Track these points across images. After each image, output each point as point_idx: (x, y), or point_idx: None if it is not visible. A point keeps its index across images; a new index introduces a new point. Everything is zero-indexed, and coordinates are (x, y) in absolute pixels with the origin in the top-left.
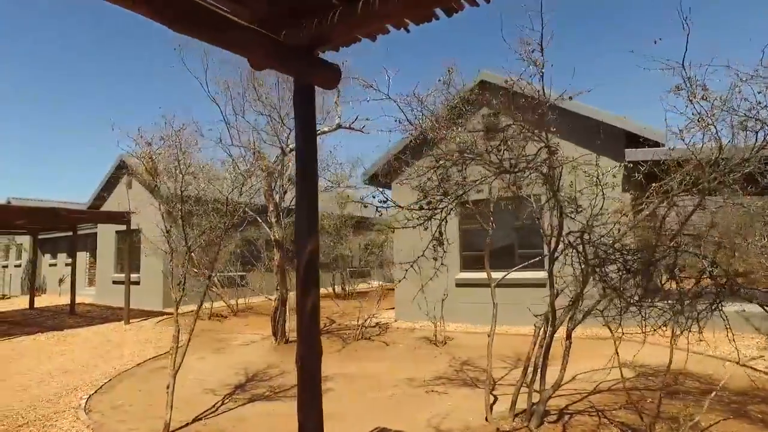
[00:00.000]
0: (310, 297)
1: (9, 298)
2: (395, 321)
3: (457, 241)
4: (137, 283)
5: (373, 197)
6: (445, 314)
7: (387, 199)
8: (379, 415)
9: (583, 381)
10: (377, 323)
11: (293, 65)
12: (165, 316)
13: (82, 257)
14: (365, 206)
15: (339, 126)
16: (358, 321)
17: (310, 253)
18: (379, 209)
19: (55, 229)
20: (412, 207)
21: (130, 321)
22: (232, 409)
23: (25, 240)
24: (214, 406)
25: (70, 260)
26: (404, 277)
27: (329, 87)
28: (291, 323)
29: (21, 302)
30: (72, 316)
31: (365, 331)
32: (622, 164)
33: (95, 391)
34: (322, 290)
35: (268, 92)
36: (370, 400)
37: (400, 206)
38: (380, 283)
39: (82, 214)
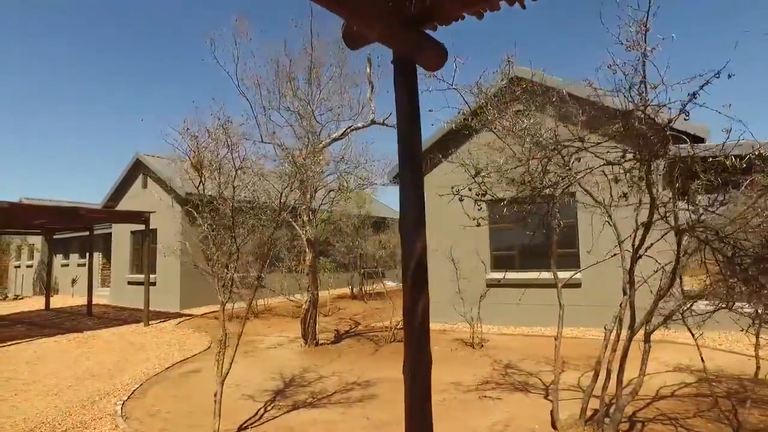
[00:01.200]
0: (420, 300)
1: (22, 298)
2: None
3: (487, 240)
4: (153, 284)
5: (469, 189)
6: (468, 316)
7: (485, 192)
8: (435, 422)
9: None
10: (395, 325)
11: (401, 39)
12: (184, 318)
13: (95, 258)
14: (461, 199)
15: (373, 121)
16: (390, 322)
17: (419, 251)
18: (478, 204)
19: (71, 229)
20: (509, 199)
21: (150, 323)
22: (277, 417)
23: (37, 240)
24: (257, 413)
25: (82, 261)
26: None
27: (432, 67)
28: (320, 325)
29: (35, 303)
30: (89, 318)
31: (397, 333)
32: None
33: (128, 397)
34: (340, 291)
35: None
36: None
37: (500, 199)
38: (395, 283)
39: (102, 213)
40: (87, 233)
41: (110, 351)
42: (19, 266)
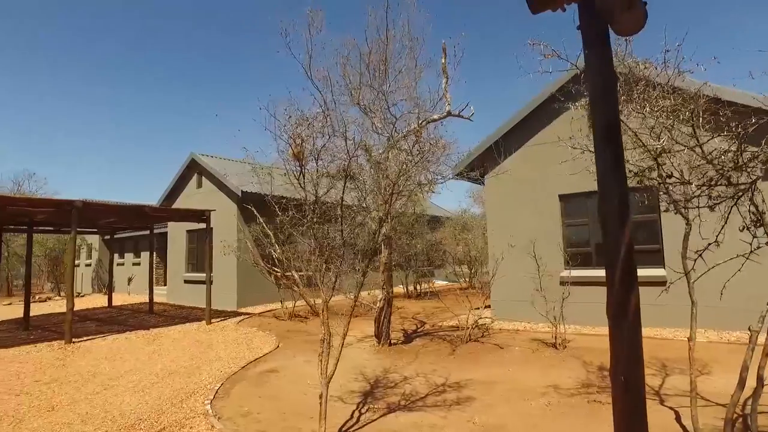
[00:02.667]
0: (632, 296)
1: (83, 296)
2: (492, 321)
3: (560, 234)
4: (210, 282)
5: (638, 173)
6: (551, 315)
7: (670, 174)
8: (552, 426)
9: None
10: (475, 324)
11: None
12: (243, 316)
13: (148, 257)
14: (640, 182)
15: (449, 113)
16: (466, 321)
17: (626, 239)
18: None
19: (132, 229)
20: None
21: (211, 321)
22: (374, 420)
23: (95, 240)
24: (351, 415)
25: (137, 260)
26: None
27: (627, 31)
28: (393, 324)
29: (96, 300)
30: (151, 315)
31: (472, 333)
32: None
33: (213, 397)
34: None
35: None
36: (526, 409)
37: (687, 182)
38: (445, 282)
39: (165, 212)
40: (141, 233)
41: (180, 349)
42: (78, 265)
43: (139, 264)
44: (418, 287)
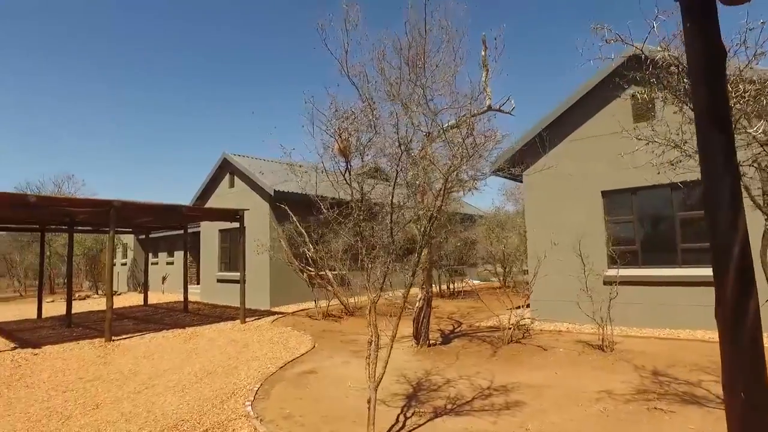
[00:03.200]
0: (750, 301)
1: (119, 294)
2: (532, 322)
3: (603, 232)
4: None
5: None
6: (597, 316)
7: None
8: None
9: None
10: (516, 325)
11: None
12: (276, 316)
13: (181, 256)
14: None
15: (489, 108)
16: (508, 322)
17: (742, 238)
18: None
19: (166, 228)
20: None
21: (245, 320)
22: (421, 424)
23: (129, 240)
24: (397, 419)
25: (170, 259)
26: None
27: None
28: (430, 324)
29: (132, 299)
30: (187, 314)
31: (514, 335)
32: None
33: (254, 398)
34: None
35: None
36: (580, 416)
37: None
38: (477, 281)
39: (200, 211)
40: (174, 233)
41: (216, 348)
42: (114, 264)
43: (172, 263)
44: (451, 286)
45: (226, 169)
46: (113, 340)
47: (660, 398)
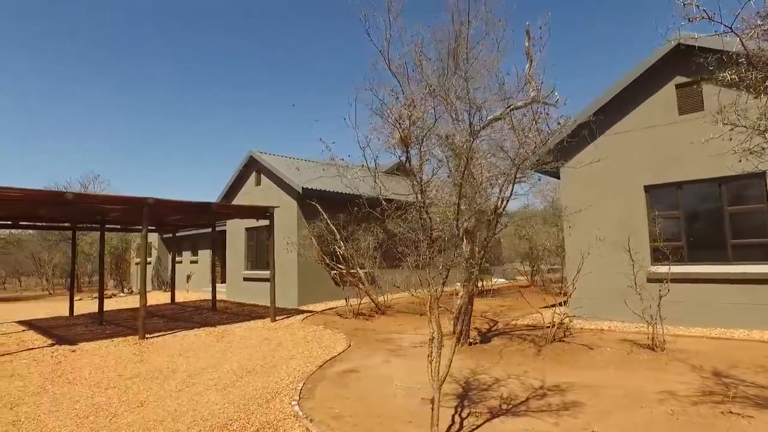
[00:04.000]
0: None
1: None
2: (570, 321)
3: (645, 228)
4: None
5: None
6: (646, 314)
7: None
8: None
9: None
10: (559, 323)
11: None
12: (305, 314)
13: (206, 254)
14: None
15: (534, 99)
16: (552, 320)
17: None
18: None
19: (194, 227)
20: None
21: (275, 318)
22: (479, 425)
23: (154, 239)
24: (453, 420)
25: (194, 258)
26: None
27: None
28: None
29: (158, 297)
30: (215, 312)
31: (556, 333)
32: None
33: (299, 397)
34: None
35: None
36: (647, 417)
37: None
38: (502, 280)
39: (230, 209)
40: (198, 232)
41: (250, 347)
42: (145, 263)
43: (196, 262)
44: (480, 284)
45: (252, 167)
46: (146, 338)
47: (732, 401)
